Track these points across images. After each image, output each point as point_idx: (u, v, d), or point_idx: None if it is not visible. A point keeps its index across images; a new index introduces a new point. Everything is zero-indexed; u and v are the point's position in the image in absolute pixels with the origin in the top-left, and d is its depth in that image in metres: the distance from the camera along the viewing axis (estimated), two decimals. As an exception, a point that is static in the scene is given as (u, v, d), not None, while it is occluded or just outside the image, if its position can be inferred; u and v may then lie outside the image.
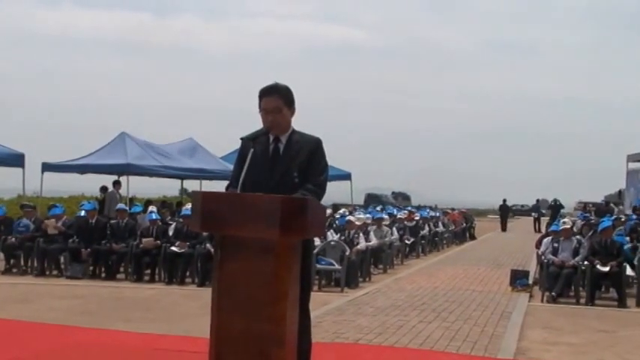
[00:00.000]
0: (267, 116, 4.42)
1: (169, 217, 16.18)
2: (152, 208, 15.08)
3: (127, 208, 14.85)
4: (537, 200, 41.86)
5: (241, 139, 4.56)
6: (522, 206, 69.48)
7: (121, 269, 13.11)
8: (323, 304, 9.69)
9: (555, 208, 34.98)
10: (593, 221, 16.42)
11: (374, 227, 15.52)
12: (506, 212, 39.60)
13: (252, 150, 4.30)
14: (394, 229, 16.87)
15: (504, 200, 40.14)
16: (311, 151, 4.46)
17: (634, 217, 17.41)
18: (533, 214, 40.22)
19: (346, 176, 23.76)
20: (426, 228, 21.14)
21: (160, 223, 13.52)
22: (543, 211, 38.74)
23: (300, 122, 4.58)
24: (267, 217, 3.56)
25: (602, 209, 25.90)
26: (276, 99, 4.42)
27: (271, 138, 4.50)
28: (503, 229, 37.70)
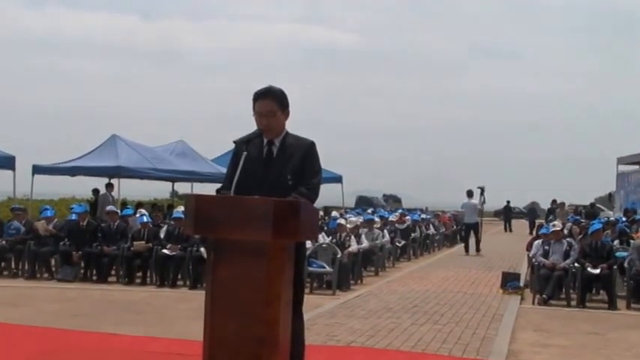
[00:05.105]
0: (261, 119, 4.43)
1: (161, 220, 16.14)
2: (142, 211, 15.04)
3: (118, 211, 14.83)
4: (532, 202, 42.39)
5: (234, 142, 4.57)
6: (513, 208, 69.76)
7: (112, 272, 13.08)
8: (315, 306, 9.69)
9: (550, 211, 35.17)
10: (583, 224, 16.47)
11: (365, 230, 15.55)
12: (509, 214, 40.12)
13: (245, 153, 4.31)
14: (385, 231, 16.89)
15: (508, 202, 40.87)
16: (304, 154, 4.47)
17: (624, 219, 17.49)
18: (523, 216, 40.53)
19: (337, 179, 23.78)
20: (417, 230, 21.17)
21: (151, 226, 13.50)
22: (538, 214, 39.20)
23: (290, 124, 4.60)
24: (259, 220, 3.56)
25: (588, 212, 26.02)
26: (271, 102, 4.42)
27: (265, 141, 4.50)
28: (509, 229, 38.13)
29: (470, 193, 22.87)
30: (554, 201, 34.94)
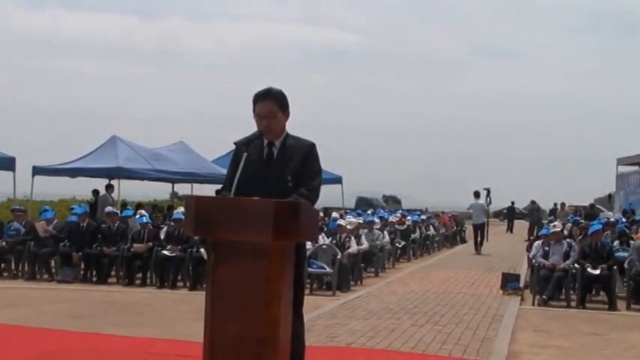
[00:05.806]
0: (262, 121, 4.43)
1: (162, 221, 16.15)
2: (142, 212, 15.04)
3: (118, 212, 14.81)
4: (532, 202, 42.38)
5: (235, 143, 4.57)
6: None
7: (112, 273, 13.08)
8: (315, 307, 9.69)
9: (552, 212, 35.16)
10: (582, 224, 16.47)
11: (365, 230, 15.55)
12: (512, 214, 40.25)
13: (245, 154, 4.31)
14: (385, 232, 16.88)
15: (512, 202, 40.99)
16: (305, 155, 4.47)
17: (623, 220, 17.48)
18: (524, 216, 40.50)
19: (337, 180, 23.79)
20: (417, 231, 21.17)
21: (151, 227, 13.49)
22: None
23: (290, 125, 4.60)
24: (260, 221, 3.57)
25: (588, 213, 26.02)
26: (271, 104, 4.43)
27: (265, 142, 4.50)
28: (510, 230, 38.08)
29: (477, 194, 23.35)
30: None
